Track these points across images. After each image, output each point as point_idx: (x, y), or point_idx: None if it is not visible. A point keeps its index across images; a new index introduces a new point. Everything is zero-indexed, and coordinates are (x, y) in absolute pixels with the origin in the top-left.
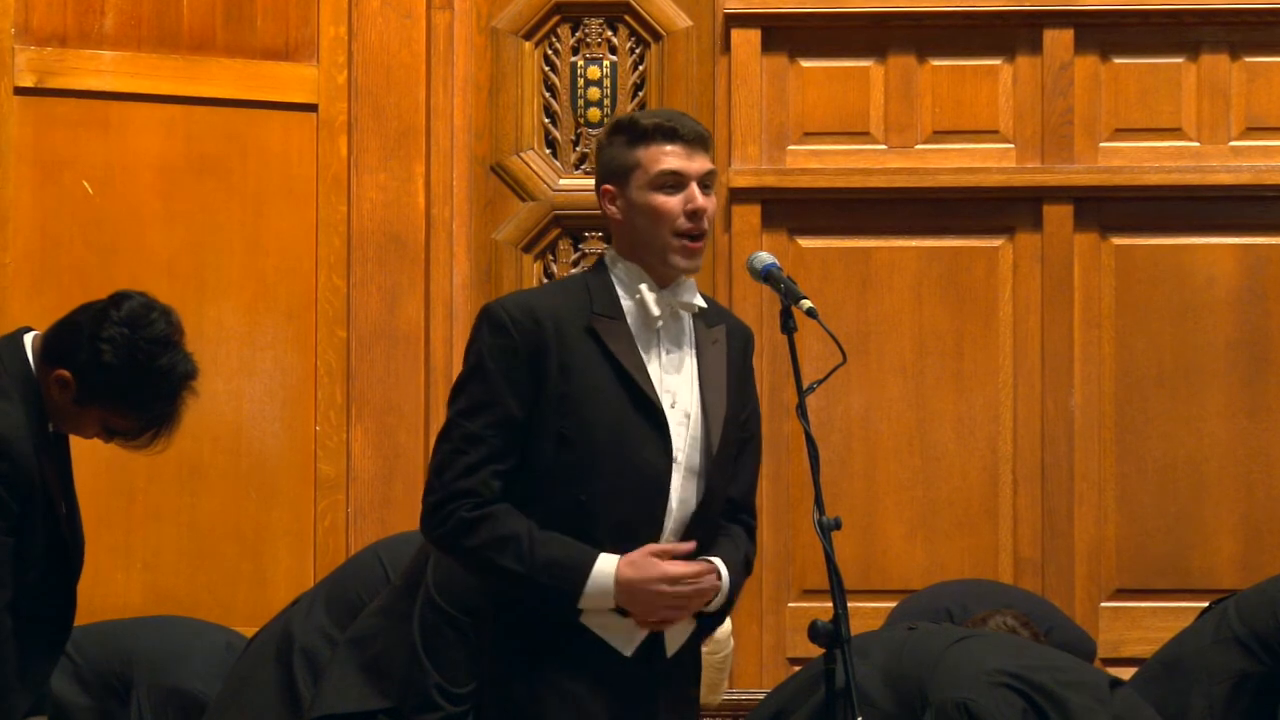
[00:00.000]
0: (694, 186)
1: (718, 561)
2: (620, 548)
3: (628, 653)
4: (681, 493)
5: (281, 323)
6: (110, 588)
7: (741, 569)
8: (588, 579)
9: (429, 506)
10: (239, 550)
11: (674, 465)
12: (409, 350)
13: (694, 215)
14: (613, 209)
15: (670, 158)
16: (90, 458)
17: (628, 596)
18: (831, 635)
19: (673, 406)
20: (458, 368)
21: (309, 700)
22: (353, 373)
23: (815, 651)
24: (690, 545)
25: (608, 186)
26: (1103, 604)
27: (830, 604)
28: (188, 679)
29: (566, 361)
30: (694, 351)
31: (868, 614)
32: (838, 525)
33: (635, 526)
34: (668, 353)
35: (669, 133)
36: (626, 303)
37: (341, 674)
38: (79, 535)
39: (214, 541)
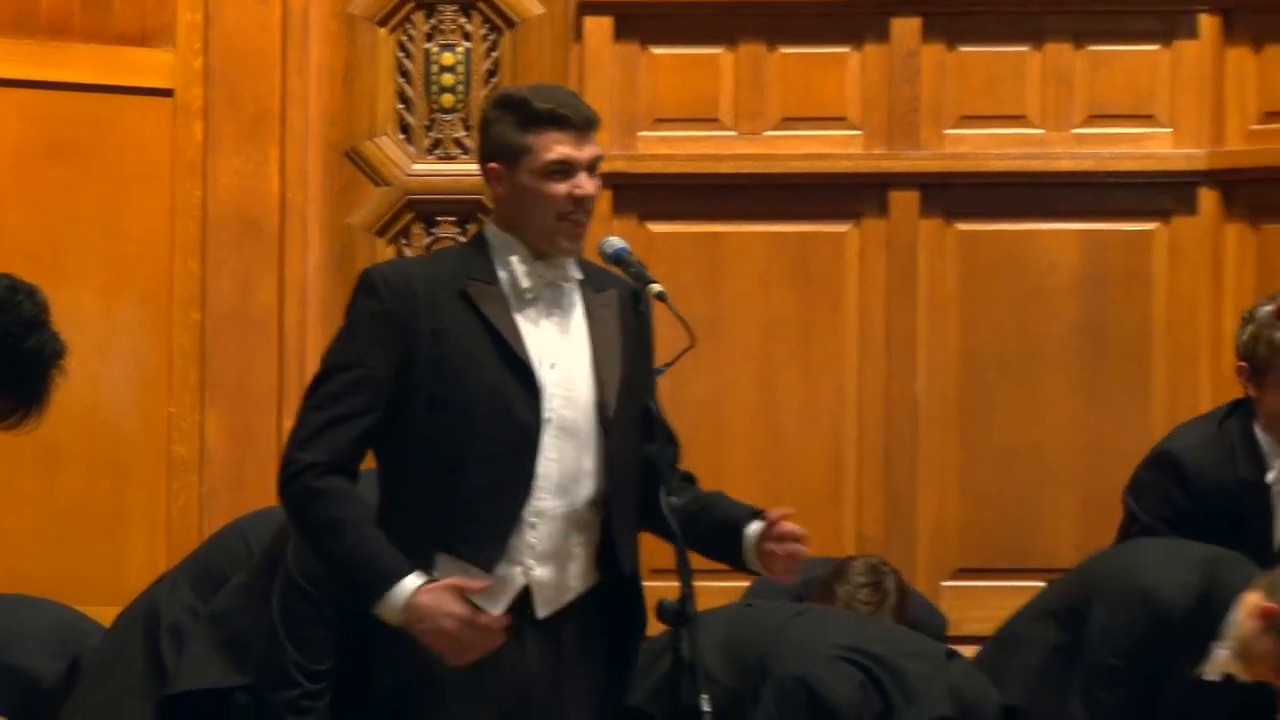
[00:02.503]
0: (581, 174)
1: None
2: (491, 507)
3: (496, 611)
4: (554, 453)
5: (137, 306)
6: None
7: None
8: (388, 591)
9: (283, 462)
10: (95, 531)
11: (545, 425)
12: (263, 333)
13: (579, 202)
14: (498, 188)
15: (560, 146)
16: None
17: (414, 617)
18: (678, 614)
19: (553, 368)
20: (311, 350)
21: None
22: (207, 356)
23: (661, 630)
24: (481, 584)
25: (494, 165)
26: (944, 583)
27: (678, 583)
28: (19, 655)
29: (439, 325)
30: (582, 317)
31: (714, 593)
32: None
33: (505, 486)
34: (549, 318)
35: (560, 120)
36: (502, 273)
37: (200, 650)
38: None
39: (70, 523)
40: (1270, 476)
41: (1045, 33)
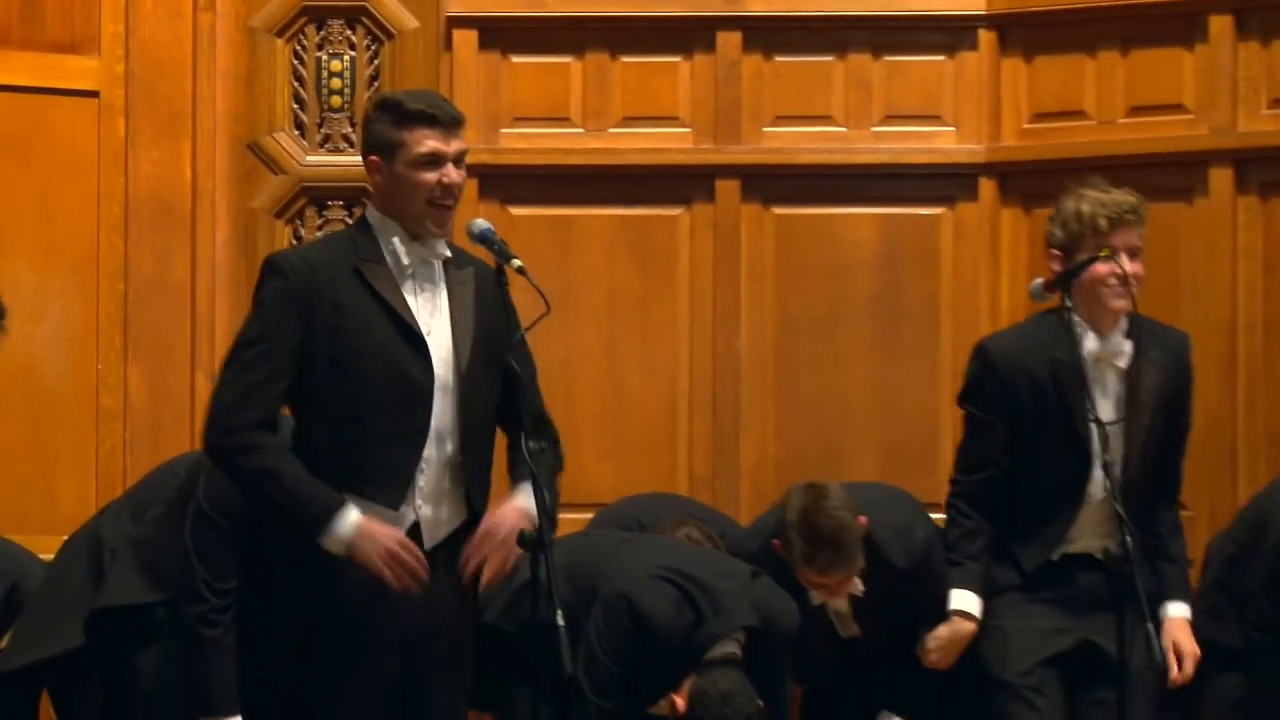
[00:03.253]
0: (449, 165)
1: (522, 501)
2: (391, 455)
3: None
4: (436, 407)
5: (68, 277)
6: None
7: (551, 485)
8: (332, 522)
9: (210, 422)
10: (31, 470)
11: (434, 382)
12: (177, 300)
13: (447, 189)
14: (377, 177)
15: (430, 140)
16: None
17: (360, 538)
18: (537, 542)
19: (429, 334)
20: (220, 315)
21: None
22: (129, 320)
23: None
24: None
25: (374, 158)
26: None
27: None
28: None
29: (337, 300)
30: (445, 291)
31: (568, 524)
32: (543, 450)
33: (401, 435)
34: (422, 291)
35: (430, 118)
36: (386, 252)
37: (123, 572)
38: None
39: (10, 463)
40: (1083, 351)
41: (848, 45)
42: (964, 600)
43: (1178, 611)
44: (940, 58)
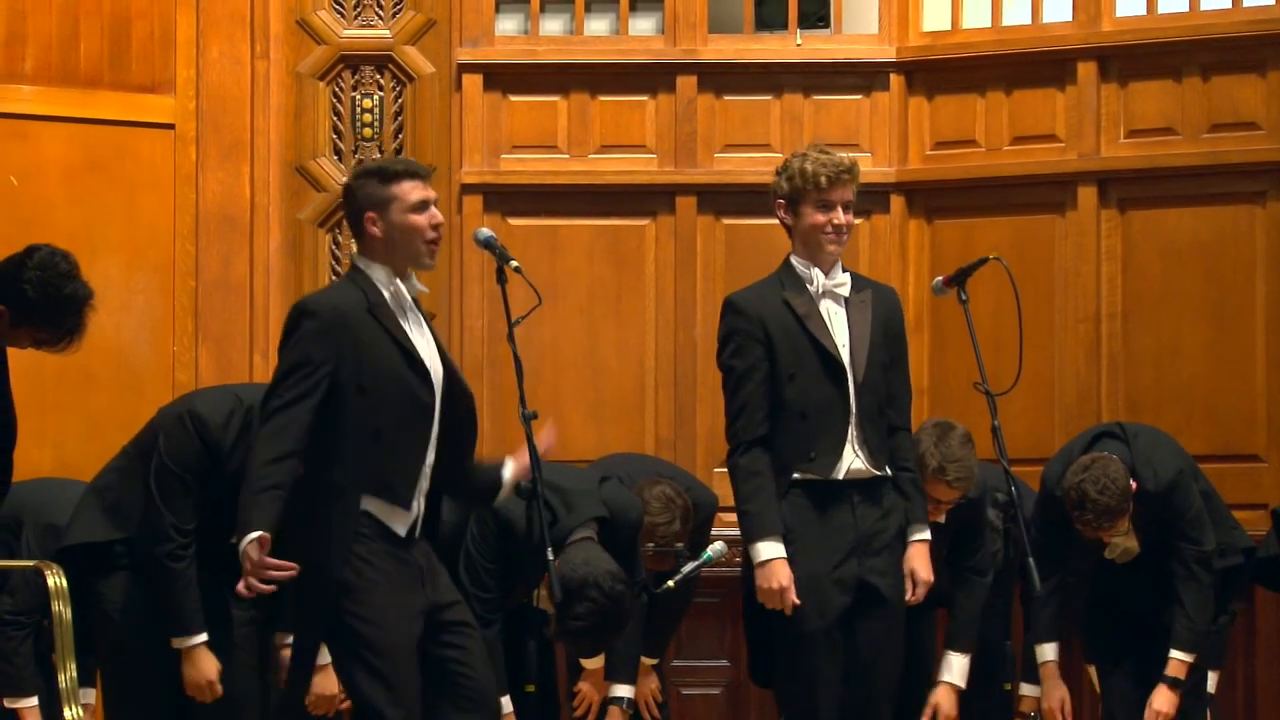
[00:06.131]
0: (433, 208)
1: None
2: (405, 463)
3: (402, 533)
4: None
5: (150, 275)
6: (27, 459)
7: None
8: (243, 535)
9: (262, 422)
10: (119, 434)
11: (436, 403)
12: (238, 296)
13: (436, 228)
14: (375, 230)
15: (418, 190)
16: (12, 366)
17: (244, 555)
18: (531, 491)
19: (427, 362)
20: (273, 307)
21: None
22: (200, 310)
23: None
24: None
25: (370, 214)
26: (715, 470)
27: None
28: (62, 519)
29: (359, 337)
30: (424, 324)
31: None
32: (535, 416)
33: (412, 447)
34: (413, 326)
35: (413, 174)
36: (385, 293)
37: (87, 515)
38: (12, 418)
39: (102, 427)
40: (811, 288)
41: (783, 87)
42: (772, 549)
43: (917, 536)
44: (858, 97)
